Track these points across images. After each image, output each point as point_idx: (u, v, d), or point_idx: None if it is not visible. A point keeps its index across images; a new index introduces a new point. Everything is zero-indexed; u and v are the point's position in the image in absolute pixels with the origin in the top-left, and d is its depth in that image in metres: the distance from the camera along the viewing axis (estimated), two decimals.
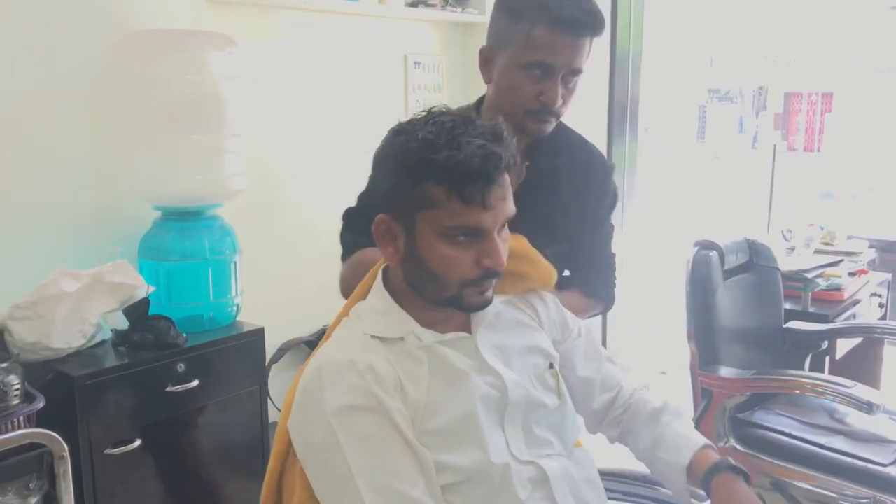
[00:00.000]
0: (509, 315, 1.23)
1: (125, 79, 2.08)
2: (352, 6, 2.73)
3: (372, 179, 1.15)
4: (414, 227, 1.08)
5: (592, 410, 1.30)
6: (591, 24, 1.32)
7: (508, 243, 1.13)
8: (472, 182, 1.03)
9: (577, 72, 1.35)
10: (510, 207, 1.09)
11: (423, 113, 1.11)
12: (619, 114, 3.83)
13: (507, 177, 1.08)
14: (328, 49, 2.79)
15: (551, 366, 1.21)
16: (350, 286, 1.35)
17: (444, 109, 1.11)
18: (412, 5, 2.98)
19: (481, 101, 1.49)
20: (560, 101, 1.35)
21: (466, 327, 1.17)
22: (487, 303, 1.14)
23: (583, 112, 3.65)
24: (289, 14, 2.65)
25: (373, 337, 1.11)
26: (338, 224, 1.59)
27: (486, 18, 3.21)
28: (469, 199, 1.03)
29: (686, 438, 1.22)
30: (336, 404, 1.03)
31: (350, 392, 1.04)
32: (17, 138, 2.01)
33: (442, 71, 3.23)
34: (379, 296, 1.17)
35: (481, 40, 3.38)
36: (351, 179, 2.90)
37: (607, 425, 1.31)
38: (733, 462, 1.18)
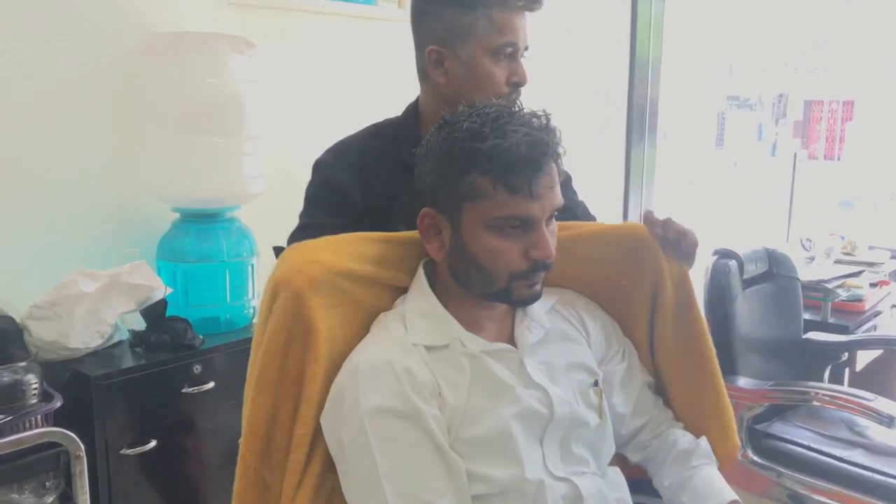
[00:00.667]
0: (557, 328, 1.20)
1: (145, 81, 2.09)
2: (371, 10, 2.73)
3: (416, 177, 1.14)
4: (460, 220, 1.06)
5: (619, 434, 1.27)
6: None
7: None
8: (518, 171, 1.02)
9: (527, 47, 1.37)
10: (558, 198, 1.08)
11: (464, 107, 1.10)
12: (638, 119, 3.82)
13: (554, 166, 1.06)
14: (347, 52, 2.79)
15: (596, 383, 1.19)
16: None
17: (485, 103, 1.09)
18: None
19: (415, 108, 1.47)
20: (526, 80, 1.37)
21: (510, 336, 1.15)
22: (536, 297, 1.12)
23: (601, 117, 3.65)
24: (308, 17, 2.66)
25: (415, 345, 1.09)
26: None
27: None
28: (516, 188, 1.02)
29: (714, 488, 1.19)
30: (369, 405, 1.02)
31: (385, 394, 1.02)
32: (39, 139, 2.02)
33: None
34: (422, 295, 1.15)
35: None
36: None
37: (631, 449, 1.29)
38: None
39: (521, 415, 1.08)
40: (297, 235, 1.45)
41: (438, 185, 1.07)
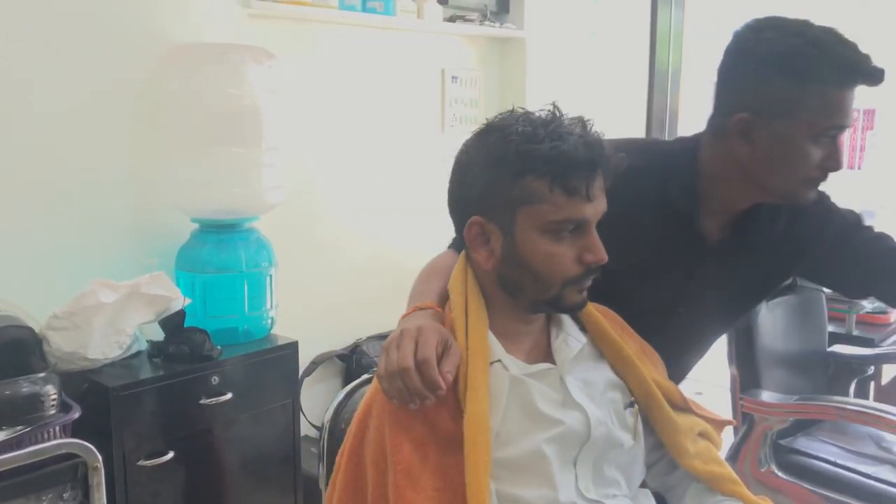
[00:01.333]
0: (593, 347, 1.19)
1: (166, 92, 2.10)
2: (389, 20, 2.73)
3: (454, 185, 1.10)
4: (513, 226, 1.04)
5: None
6: (882, 75, 1.17)
7: None
8: (576, 172, 1.01)
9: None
10: (605, 202, 1.06)
11: (501, 115, 1.08)
12: (657, 129, 3.79)
13: (603, 170, 1.05)
14: (366, 63, 2.80)
15: (632, 404, 1.17)
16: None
17: (524, 110, 1.08)
18: (450, 20, 2.98)
19: (693, 154, 1.30)
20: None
21: (548, 355, 1.14)
22: (584, 303, 1.11)
23: (620, 127, 3.63)
24: (327, 28, 2.66)
25: None
26: (372, 238, 1.57)
27: (523, 33, 3.20)
28: (573, 190, 1.01)
29: None
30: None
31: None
32: (59, 150, 2.04)
33: (479, 86, 3.22)
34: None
35: (519, 55, 3.35)
36: (387, 193, 2.92)
37: (650, 476, 1.26)
38: None
39: (557, 438, 1.07)
40: None
41: (489, 191, 1.05)
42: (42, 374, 1.70)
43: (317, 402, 2.63)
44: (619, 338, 1.19)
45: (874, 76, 1.16)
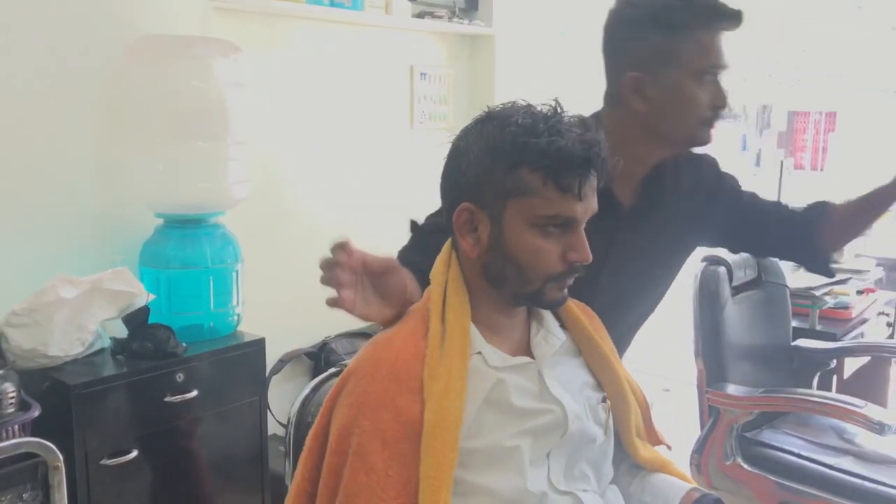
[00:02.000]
0: (571, 344, 1.20)
1: (131, 84, 2.06)
2: (358, 16, 2.72)
3: (449, 169, 1.10)
4: (502, 216, 1.04)
5: None
6: (741, 16, 1.32)
7: None
8: (571, 169, 1.01)
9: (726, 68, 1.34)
10: (596, 202, 1.07)
11: (503, 104, 1.08)
12: None
13: (597, 170, 1.05)
14: (334, 58, 2.78)
15: (604, 400, 1.18)
16: None
17: (526, 103, 1.08)
18: (419, 16, 2.98)
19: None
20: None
21: (528, 349, 1.14)
22: (564, 300, 1.11)
23: None
24: (295, 23, 2.64)
25: None
26: (340, 234, 1.55)
27: (492, 30, 3.21)
28: (566, 186, 1.01)
29: (673, 484, 1.21)
30: None
31: None
32: (22, 142, 1.99)
33: (448, 82, 3.22)
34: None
35: (488, 52, 3.35)
36: (354, 189, 2.90)
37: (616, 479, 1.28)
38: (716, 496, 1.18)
39: (532, 431, 1.07)
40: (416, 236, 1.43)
41: (482, 178, 1.04)
42: (0, 372, 1.66)
43: (284, 400, 2.60)
44: (597, 335, 1.20)
45: (734, 18, 1.30)
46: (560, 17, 3.60)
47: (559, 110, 1.06)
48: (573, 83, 3.64)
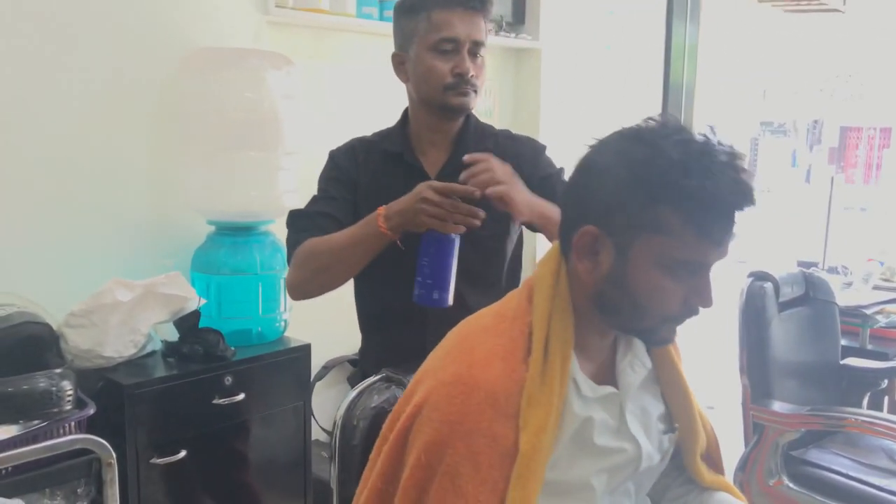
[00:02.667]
0: (652, 377, 1.16)
1: (186, 95, 2.13)
2: None
3: (578, 183, 1.05)
4: (629, 249, 0.97)
5: None
6: (479, 1, 1.50)
7: None
8: (717, 217, 0.95)
9: (479, 44, 1.51)
10: (730, 246, 1.00)
11: (653, 122, 1.01)
12: None
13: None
14: (382, 71, 2.81)
15: (674, 430, 1.15)
16: (301, 277, 1.51)
17: (678, 122, 1.01)
18: None
19: (405, 115, 1.64)
20: (472, 72, 1.50)
21: (613, 375, 1.10)
22: (673, 339, 1.07)
23: None
24: (345, 37, 2.69)
25: None
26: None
27: (539, 44, 3.23)
28: (707, 233, 0.95)
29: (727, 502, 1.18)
30: None
31: None
32: (82, 150, 2.07)
33: (493, 95, 3.24)
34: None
35: (534, 65, 3.38)
36: None
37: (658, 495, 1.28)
38: None
39: (609, 469, 1.06)
40: (309, 205, 1.61)
41: (615, 206, 0.97)
42: (59, 371, 1.71)
43: (327, 406, 2.64)
44: (680, 364, 1.16)
45: (465, 4, 1.48)
46: (606, 31, 3.60)
47: (713, 142, 0.97)
48: (618, 97, 3.64)
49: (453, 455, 0.96)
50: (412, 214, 1.36)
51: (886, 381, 2.44)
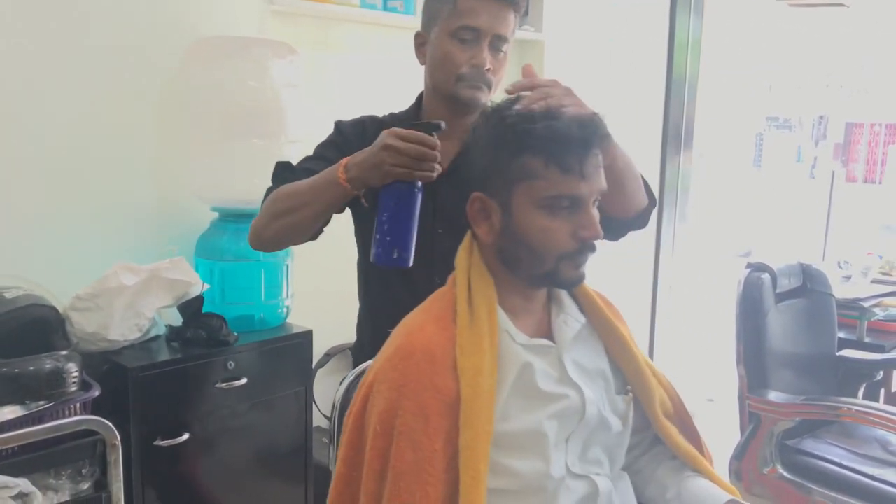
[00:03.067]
0: (590, 329, 1.22)
1: (191, 82, 2.15)
2: (410, 20, 2.77)
3: (463, 160, 1.20)
4: (510, 202, 1.10)
5: None
6: None
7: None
8: (569, 150, 1.06)
9: (502, 39, 1.45)
10: (603, 181, 1.11)
11: (503, 100, 1.15)
12: (674, 136, 3.81)
13: (598, 150, 1.10)
14: (386, 61, 2.84)
15: (627, 392, 1.21)
16: (259, 222, 1.46)
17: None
18: None
19: (419, 99, 1.60)
20: (489, 66, 1.44)
21: (549, 333, 1.18)
22: (581, 278, 1.15)
23: (637, 132, 3.65)
24: (348, 26, 2.71)
25: None
26: None
27: (542, 36, 3.24)
28: (567, 167, 1.06)
29: (711, 494, 1.20)
30: None
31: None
32: (88, 136, 2.10)
33: (495, 86, 3.25)
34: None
35: (537, 57, 3.37)
36: None
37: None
38: None
39: (557, 414, 1.11)
40: (300, 162, 1.55)
41: (489, 168, 1.11)
42: (64, 353, 1.74)
43: (329, 393, 2.66)
44: (616, 321, 1.23)
45: None
46: (609, 23, 3.61)
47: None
48: (621, 89, 3.65)
49: (404, 414, 1.03)
50: (375, 165, 1.26)
51: (881, 374, 2.46)
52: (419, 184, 1.28)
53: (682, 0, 3.81)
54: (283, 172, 1.51)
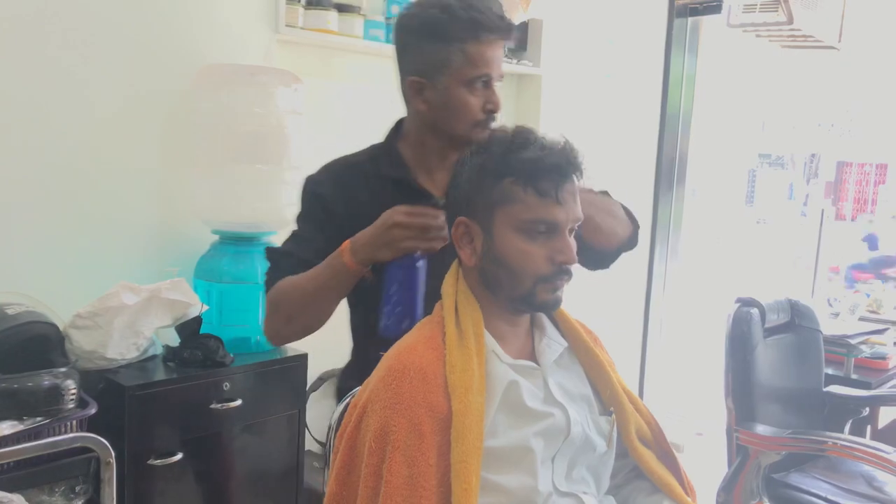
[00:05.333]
0: (570, 354, 1.28)
1: (197, 108, 2.20)
2: None
3: (449, 192, 1.25)
4: (492, 225, 1.17)
5: None
6: (509, 28, 1.44)
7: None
8: (546, 177, 1.13)
9: (501, 76, 1.46)
10: (580, 209, 1.18)
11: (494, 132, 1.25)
12: (667, 171, 3.87)
13: (575, 178, 1.17)
14: (387, 92, 2.89)
15: (611, 413, 1.25)
16: (274, 327, 1.45)
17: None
18: None
19: (397, 128, 1.57)
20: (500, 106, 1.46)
21: (533, 357, 1.23)
22: (558, 302, 1.21)
23: (630, 167, 3.71)
24: (352, 57, 2.77)
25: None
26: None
27: (539, 71, 3.30)
28: (544, 192, 1.14)
29: None
30: None
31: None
32: (96, 158, 2.14)
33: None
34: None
35: (534, 91, 3.42)
36: None
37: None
38: None
39: (544, 432, 1.15)
40: (288, 243, 1.52)
41: (473, 194, 1.18)
42: (63, 370, 1.75)
43: (321, 417, 2.67)
44: (596, 347, 1.29)
45: (500, 29, 1.41)
46: (607, 60, 3.69)
47: (535, 131, 1.19)
48: (616, 124, 3.71)
49: (398, 431, 1.07)
50: (386, 244, 1.30)
51: (868, 410, 2.49)
52: (423, 255, 1.33)
53: (677, 38, 3.89)
54: (280, 260, 1.49)
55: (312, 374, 2.51)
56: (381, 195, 1.46)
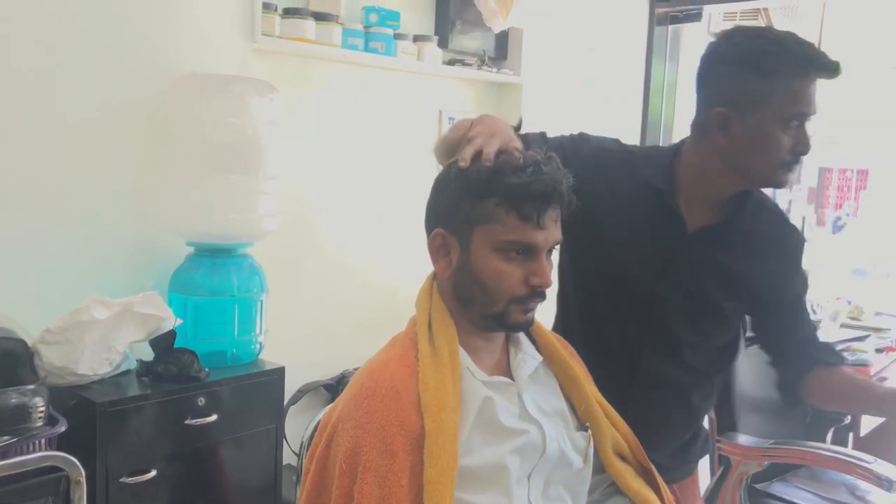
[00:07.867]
0: (546, 368, 1.27)
1: (172, 118, 2.17)
2: (390, 61, 2.82)
3: (430, 201, 1.23)
4: (470, 241, 1.16)
5: None
6: (837, 68, 1.34)
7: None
8: (531, 201, 1.13)
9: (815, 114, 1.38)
10: (559, 233, 1.17)
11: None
12: None
13: (560, 204, 1.16)
14: (365, 101, 2.88)
15: (587, 429, 1.24)
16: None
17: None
18: (449, 63, 3.07)
19: (677, 149, 1.51)
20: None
21: (508, 372, 1.22)
22: (530, 323, 1.20)
23: None
24: (330, 66, 2.75)
25: None
26: (364, 270, 1.61)
27: (520, 79, 3.30)
28: (526, 216, 1.13)
29: None
30: None
31: None
32: (67, 169, 2.10)
33: None
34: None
35: (515, 100, 3.42)
36: (380, 228, 2.98)
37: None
38: None
39: (520, 449, 1.14)
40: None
41: (453, 208, 1.17)
42: (31, 387, 1.71)
43: (300, 431, 2.63)
44: (571, 360, 1.29)
45: (830, 68, 1.33)
46: (588, 68, 3.69)
47: (522, 153, 1.18)
48: (599, 132, 3.71)
49: (370, 451, 1.05)
50: None
51: (849, 418, 2.49)
52: None
53: (658, 46, 3.91)
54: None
55: (290, 388, 2.48)
56: (628, 192, 1.47)
